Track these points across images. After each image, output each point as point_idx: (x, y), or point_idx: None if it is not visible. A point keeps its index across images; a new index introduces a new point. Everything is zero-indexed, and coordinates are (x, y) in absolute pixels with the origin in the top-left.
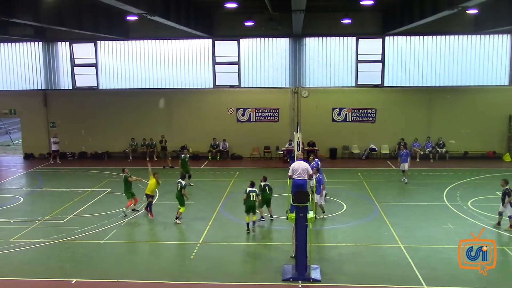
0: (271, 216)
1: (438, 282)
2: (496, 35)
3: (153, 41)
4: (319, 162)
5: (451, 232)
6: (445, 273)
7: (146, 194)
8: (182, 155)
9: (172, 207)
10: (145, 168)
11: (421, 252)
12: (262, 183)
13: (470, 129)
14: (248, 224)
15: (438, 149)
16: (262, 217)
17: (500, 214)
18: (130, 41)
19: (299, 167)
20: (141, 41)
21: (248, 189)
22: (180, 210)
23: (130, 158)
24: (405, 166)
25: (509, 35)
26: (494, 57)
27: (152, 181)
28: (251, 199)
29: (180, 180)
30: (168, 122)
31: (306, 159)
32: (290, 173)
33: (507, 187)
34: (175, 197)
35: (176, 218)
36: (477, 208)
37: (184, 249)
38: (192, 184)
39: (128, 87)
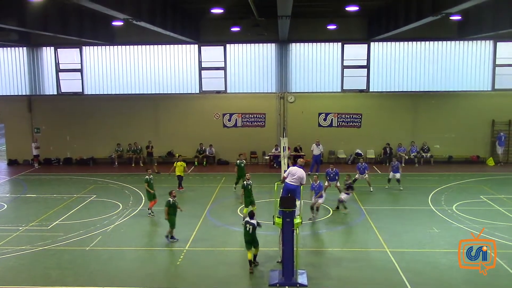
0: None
1: (424, 286)
2: (479, 41)
3: (139, 46)
4: (322, 185)
5: (437, 236)
6: (431, 277)
7: (178, 176)
8: (238, 161)
9: (160, 212)
10: (132, 174)
11: (407, 256)
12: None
13: (454, 134)
14: (250, 262)
15: (423, 154)
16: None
17: (341, 201)
18: (115, 47)
19: (296, 173)
20: (127, 47)
21: (246, 219)
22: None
23: (116, 164)
24: (397, 175)
25: (491, 41)
26: (477, 62)
27: (180, 163)
28: (247, 231)
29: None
30: (155, 127)
31: (298, 165)
32: (285, 175)
33: (350, 181)
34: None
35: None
36: (461, 212)
37: (170, 255)
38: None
39: (114, 93)
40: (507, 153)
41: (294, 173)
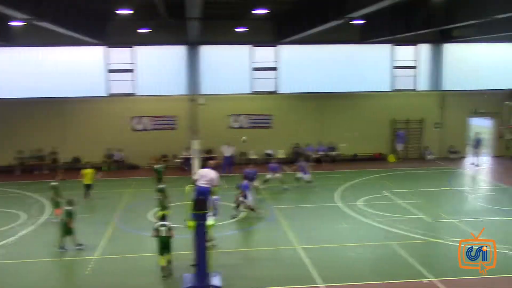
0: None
1: (333, 280)
2: (379, 45)
3: (41, 48)
4: (248, 185)
5: (344, 231)
6: (340, 271)
7: (86, 184)
8: (156, 166)
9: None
10: (36, 182)
11: (316, 252)
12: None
13: (358, 132)
14: (163, 267)
15: (330, 153)
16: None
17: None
18: (14, 48)
19: (207, 175)
20: (28, 48)
21: (159, 223)
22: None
23: (17, 172)
24: (305, 176)
25: (390, 45)
26: (378, 65)
27: (90, 170)
28: (161, 234)
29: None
30: (60, 132)
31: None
32: (196, 177)
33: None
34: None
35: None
36: (366, 207)
37: (78, 265)
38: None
39: (14, 97)
40: (406, 149)
41: (206, 175)
